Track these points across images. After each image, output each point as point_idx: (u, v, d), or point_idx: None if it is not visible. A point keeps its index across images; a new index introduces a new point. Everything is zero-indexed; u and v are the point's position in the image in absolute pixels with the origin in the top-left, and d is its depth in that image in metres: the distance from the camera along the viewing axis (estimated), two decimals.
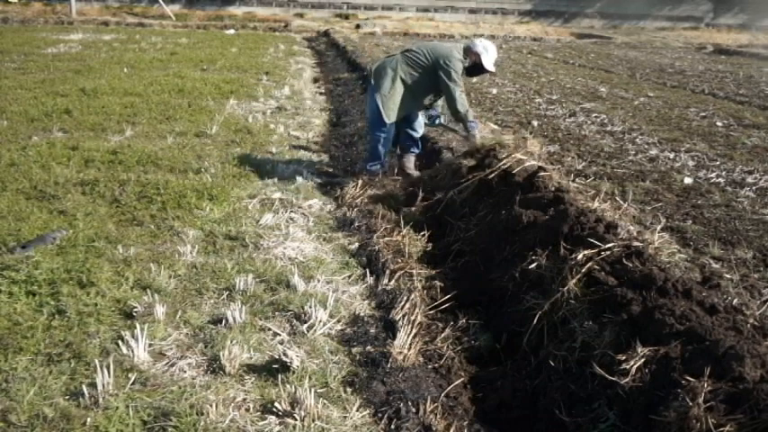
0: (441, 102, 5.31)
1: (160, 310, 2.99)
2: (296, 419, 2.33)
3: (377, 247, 3.94)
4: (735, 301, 2.79)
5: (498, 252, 3.67)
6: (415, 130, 5.29)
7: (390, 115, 4.98)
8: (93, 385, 2.42)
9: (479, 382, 2.84)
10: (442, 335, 3.12)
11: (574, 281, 2.91)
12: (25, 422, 2.24)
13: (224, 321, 2.98)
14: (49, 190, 4.50)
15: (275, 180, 5.20)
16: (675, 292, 2.65)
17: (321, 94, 9.75)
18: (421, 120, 5.32)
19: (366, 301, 3.38)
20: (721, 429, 1.94)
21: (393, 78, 4.92)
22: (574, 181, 5.01)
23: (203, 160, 5.43)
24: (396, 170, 5.43)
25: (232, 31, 19.33)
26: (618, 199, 4.54)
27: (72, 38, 14.71)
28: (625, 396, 2.27)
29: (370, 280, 3.59)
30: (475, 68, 5.03)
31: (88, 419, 2.26)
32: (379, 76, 5.00)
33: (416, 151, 5.43)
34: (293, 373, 2.61)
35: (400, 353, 2.84)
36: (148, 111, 7.17)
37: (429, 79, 4.92)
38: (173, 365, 2.66)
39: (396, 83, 4.93)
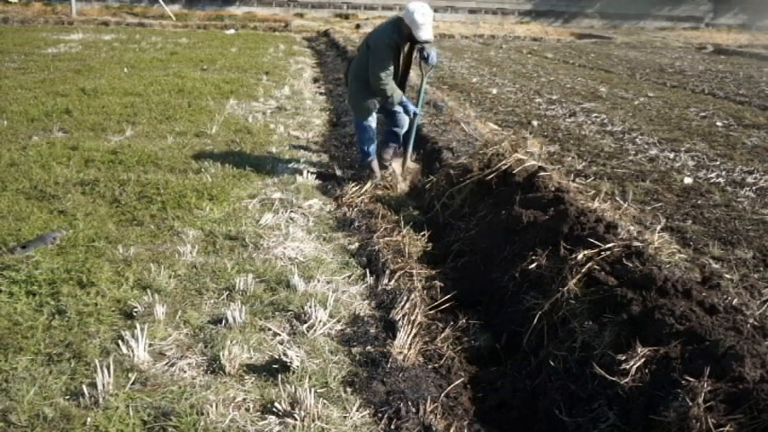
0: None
1: (160, 310, 2.99)
2: (296, 419, 2.33)
3: (377, 247, 3.94)
4: (735, 301, 2.78)
5: (498, 252, 3.67)
6: (398, 126, 5.31)
7: (361, 113, 5.08)
8: (93, 385, 2.42)
9: (479, 382, 2.84)
10: (442, 335, 3.13)
11: (574, 281, 2.91)
12: (25, 422, 2.24)
13: (224, 321, 2.98)
14: (49, 190, 4.50)
15: (275, 180, 5.20)
16: (675, 292, 2.65)
17: (321, 94, 9.75)
18: (404, 118, 5.31)
19: (366, 301, 3.38)
20: (721, 429, 1.94)
21: (351, 80, 5.07)
22: (574, 181, 5.01)
23: (203, 160, 5.43)
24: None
25: (232, 31, 19.33)
26: (618, 199, 4.55)
27: (72, 38, 14.70)
28: (625, 396, 2.27)
29: (370, 280, 3.59)
30: (417, 42, 4.73)
31: (88, 419, 2.26)
32: (346, 83, 5.24)
33: (395, 145, 5.45)
34: (293, 373, 2.61)
35: (400, 353, 2.84)
36: (148, 111, 7.17)
37: None
38: (173, 365, 2.66)
39: (352, 83, 5.06)
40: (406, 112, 4.97)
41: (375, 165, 5.23)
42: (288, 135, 6.80)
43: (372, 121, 5.14)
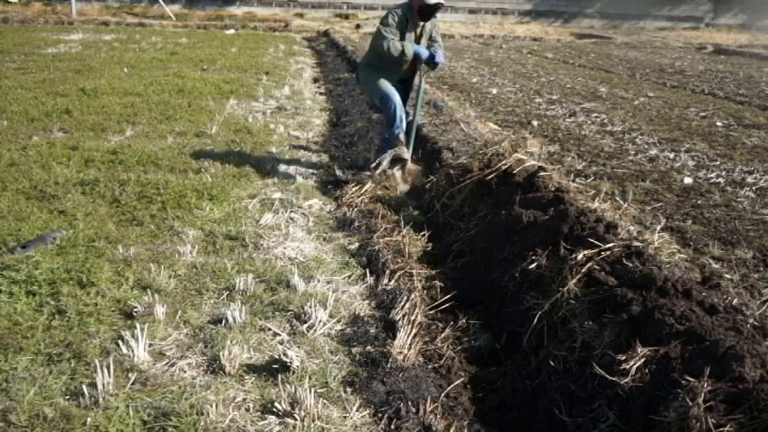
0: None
1: (160, 310, 2.99)
2: (296, 419, 2.33)
3: (377, 247, 3.94)
4: (735, 301, 2.78)
5: (498, 252, 3.67)
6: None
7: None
8: (93, 385, 2.42)
9: (479, 382, 2.84)
10: (442, 335, 3.12)
11: (574, 281, 2.91)
12: (25, 422, 2.24)
13: (224, 321, 2.98)
14: (49, 190, 4.50)
15: (275, 180, 5.20)
16: (675, 292, 2.65)
17: (321, 94, 9.75)
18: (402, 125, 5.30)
19: (366, 301, 3.38)
20: (721, 429, 1.94)
21: (361, 68, 5.27)
22: (574, 181, 5.01)
23: (203, 160, 5.43)
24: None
25: (232, 31, 19.34)
26: (618, 199, 4.55)
27: (72, 38, 14.71)
28: (625, 396, 2.27)
29: (370, 280, 3.59)
30: (426, 9, 4.81)
31: (88, 419, 2.26)
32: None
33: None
34: (293, 373, 2.61)
35: (400, 353, 2.84)
36: (148, 111, 7.17)
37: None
38: (173, 365, 2.66)
39: (361, 69, 5.24)
40: (430, 61, 4.92)
41: (402, 137, 5.09)
42: (288, 135, 6.80)
43: (390, 90, 5.00)
